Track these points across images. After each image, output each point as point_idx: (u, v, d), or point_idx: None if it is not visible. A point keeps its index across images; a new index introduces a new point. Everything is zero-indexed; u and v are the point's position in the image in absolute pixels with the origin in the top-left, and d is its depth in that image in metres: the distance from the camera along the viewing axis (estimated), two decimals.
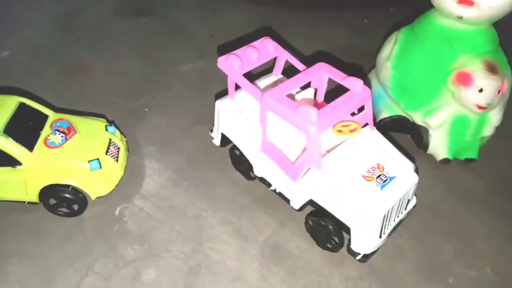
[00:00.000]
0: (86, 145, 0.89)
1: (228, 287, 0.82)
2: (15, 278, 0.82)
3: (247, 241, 0.90)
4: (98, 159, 0.87)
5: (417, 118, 1.06)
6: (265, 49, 0.93)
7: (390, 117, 1.12)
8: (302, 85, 0.89)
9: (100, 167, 0.87)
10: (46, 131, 0.89)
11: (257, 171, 0.94)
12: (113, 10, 1.56)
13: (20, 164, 0.84)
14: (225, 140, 1.00)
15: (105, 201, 0.94)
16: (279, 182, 0.90)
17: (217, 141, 1.02)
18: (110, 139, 0.93)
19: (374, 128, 0.89)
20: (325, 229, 0.85)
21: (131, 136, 1.08)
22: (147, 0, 1.63)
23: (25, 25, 1.47)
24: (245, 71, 0.90)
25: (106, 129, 0.94)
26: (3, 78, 1.25)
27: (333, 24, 1.53)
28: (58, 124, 0.90)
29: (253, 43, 0.94)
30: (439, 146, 1.05)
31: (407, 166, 0.86)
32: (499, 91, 0.96)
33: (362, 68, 1.32)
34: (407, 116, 1.09)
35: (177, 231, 0.91)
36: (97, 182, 0.88)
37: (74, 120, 0.93)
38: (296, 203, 0.89)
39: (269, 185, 0.94)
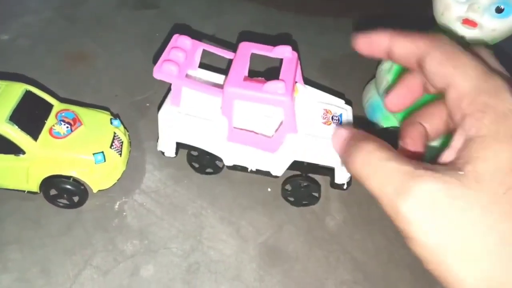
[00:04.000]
0: (91, 137, 0.89)
1: (227, 286, 0.84)
2: (15, 266, 0.82)
3: (246, 242, 0.91)
4: (102, 152, 0.87)
5: None
6: (184, 45, 0.93)
7: (386, 128, 1.15)
8: (247, 67, 0.92)
9: (105, 160, 0.87)
10: (51, 120, 0.88)
11: (228, 161, 0.96)
12: (116, 0, 1.55)
13: (23, 152, 0.84)
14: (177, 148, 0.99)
15: (104, 195, 0.94)
16: (255, 161, 0.95)
17: (172, 153, 0.99)
18: (115, 133, 0.93)
19: (304, 84, 0.99)
20: (306, 188, 0.95)
21: (132, 130, 1.08)
22: None
23: (26, 9, 1.44)
24: (185, 73, 0.90)
25: (111, 123, 0.94)
26: (2, 61, 1.23)
27: (336, 31, 1.55)
28: (63, 114, 0.90)
29: (170, 44, 0.93)
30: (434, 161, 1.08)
31: (341, 102, 1.00)
32: None
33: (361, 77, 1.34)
34: None
35: (176, 228, 0.92)
36: (100, 175, 0.88)
37: (79, 111, 0.93)
38: (278, 171, 0.95)
39: (243, 169, 0.97)
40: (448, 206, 0.29)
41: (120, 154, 0.92)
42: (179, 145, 0.98)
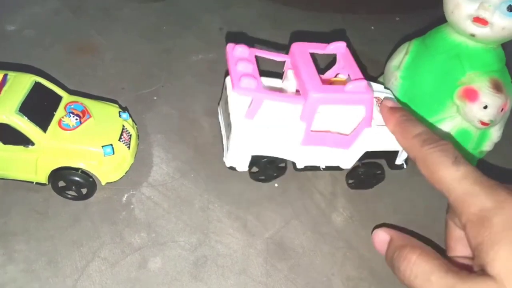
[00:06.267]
0: (100, 130, 0.89)
1: (234, 280, 0.84)
2: (21, 257, 0.82)
3: (253, 236, 0.91)
4: (111, 144, 0.87)
5: None
6: (246, 55, 0.91)
7: None
8: (315, 69, 0.91)
9: (113, 153, 0.87)
10: (60, 112, 0.88)
11: (300, 164, 0.97)
12: None
13: (32, 144, 0.84)
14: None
15: (112, 187, 0.94)
16: (326, 158, 0.97)
17: (245, 167, 0.96)
18: (123, 126, 0.93)
19: None
20: (370, 172, 1.01)
21: (139, 123, 1.08)
22: None
23: (32, 0, 1.44)
24: (261, 85, 0.86)
25: (120, 115, 0.94)
26: (9, 52, 1.22)
27: (341, 27, 1.55)
28: (72, 106, 0.90)
29: (231, 55, 0.90)
30: None
31: (381, 87, 1.06)
32: (502, 109, 1.00)
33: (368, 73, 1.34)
34: None
35: (184, 221, 0.92)
36: (109, 168, 0.88)
37: (88, 103, 0.92)
38: (348, 164, 0.98)
39: (313, 168, 0.99)
40: None
41: (129, 147, 0.92)
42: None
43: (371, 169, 1.01)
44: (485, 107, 0.98)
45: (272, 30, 1.47)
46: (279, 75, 1.03)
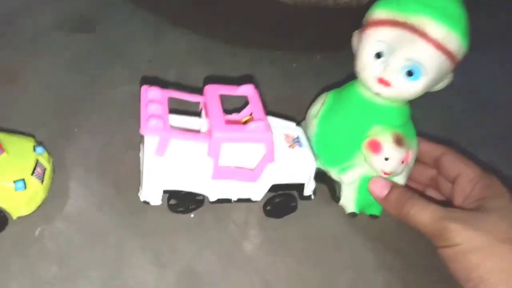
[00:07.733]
0: (12, 164, 0.90)
1: None
2: None
3: (164, 268, 0.95)
4: (23, 179, 0.89)
5: (333, 173, 1.15)
6: (157, 97, 0.99)
7: None
8: (221, 109, 0.98)
9: (25, 188, 0.89)
10: None
11: (212, 197, 1.04)
12: (53, 22, 1.55)
13: None
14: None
15: (25, 220, 0.95)
16: (236, 191, 1.04)
17: (158, 201, 1.02)
18: (37, 160, 0.94)
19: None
20: (285, 202, 1.09)
21: (59, 156, 1.09)
22: (89, 16, 1.64)
23: None
24: (168, 124, 0.93)
25: (34, 150, 0.96)
26: None
27: (267, 64, 1.63)
28: None
29: (143, 98, 0.98)
30: (349, 201, 1.15)
31: (292, 124, 1.17)
32: (403, 161, 1.08)
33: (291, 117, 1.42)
34: (325, 170, 1.18)
35: (96, 256, 0.94)
36: (20, 202, 0.89)
37: (2, 138, 0.93)
38: (258, 196, 1.06)
39: (226, 201, 1.05)
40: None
41: (42, 182, 0.93)
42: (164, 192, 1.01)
43: (287, 200, 1.09)
44: (387, 159, 1.05)
45: (200, 64, 1.53)
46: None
